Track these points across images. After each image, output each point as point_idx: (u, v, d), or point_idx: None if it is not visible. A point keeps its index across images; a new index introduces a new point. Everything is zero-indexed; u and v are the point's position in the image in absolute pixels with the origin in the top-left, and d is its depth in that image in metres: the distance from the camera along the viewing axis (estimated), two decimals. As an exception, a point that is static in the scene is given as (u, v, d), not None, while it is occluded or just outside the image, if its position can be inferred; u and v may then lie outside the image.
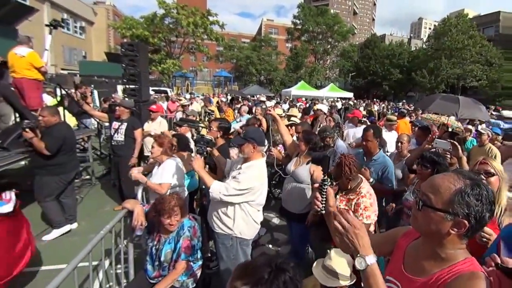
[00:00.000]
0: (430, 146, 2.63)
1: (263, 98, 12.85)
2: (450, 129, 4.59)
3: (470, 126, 5.58)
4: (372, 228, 2.24)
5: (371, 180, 2.72)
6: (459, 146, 2.29)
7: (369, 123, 4.78)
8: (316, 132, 3.92)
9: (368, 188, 2.24)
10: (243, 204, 2.22)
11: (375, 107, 12.05)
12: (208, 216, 2.42)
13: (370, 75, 35.99)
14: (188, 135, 4.05)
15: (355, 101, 16.78)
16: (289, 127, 3.84)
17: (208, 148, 2.49)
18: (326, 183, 1.06)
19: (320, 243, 2.55)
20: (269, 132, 3.14)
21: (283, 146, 3.98)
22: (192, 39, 25.70)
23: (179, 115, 7.03)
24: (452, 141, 2.35)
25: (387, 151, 4.40)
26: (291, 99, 15.18)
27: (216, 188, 2.13)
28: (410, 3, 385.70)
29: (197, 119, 5.21)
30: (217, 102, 10.95)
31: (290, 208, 2.82)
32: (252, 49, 35.20)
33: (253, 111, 5.68)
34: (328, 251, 1.78)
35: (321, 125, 4.40)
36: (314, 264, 1.81)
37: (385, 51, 35.58)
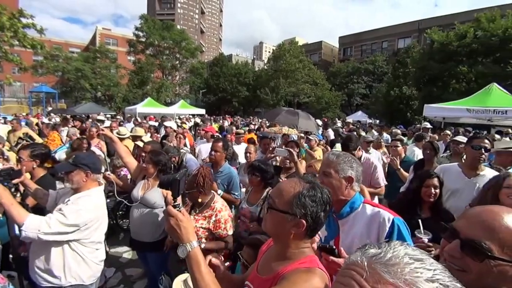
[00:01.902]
0: (272, 155, 3.29)
1: (101, 117, 11.54)
2: (290, 139, 6.00)
3: (302, 134, 7.53)
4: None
5: (219, 192, 3.14)
6: (295, 153, 2.90)
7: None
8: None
9: (221, 201, 2.51)
10: (73, 244, 2.00)
11: (226, 123, 13.77)
12: (30, 270, 2.02)
13: (221, 92, 40.21)
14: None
15: (207, 117, 18.29)
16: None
17: (16, 180, 2.09)
18: (178, 208, 1.09)
19: (178, 265, 2.64)
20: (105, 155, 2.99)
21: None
22: (-4, 44, 19.08)
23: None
24: (289, 149, 2.96)
25: (239, 162, 5.25)
26: (137, 117, 14.50)
27: (33, 225, 1.78)
28: (252, 28, 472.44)
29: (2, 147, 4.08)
30: (37, 124, 8.88)
31: (143, 238, 2.78)
32: (84, 61, 30.60)
33: (86, 132, 5.08)
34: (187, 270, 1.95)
35: (172, 144, 4.61)
36: (175, 281, 1.91)
37: (233, 70, 41.10)
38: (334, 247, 1.18)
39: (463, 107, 8.23)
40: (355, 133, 6.70)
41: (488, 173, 2.59)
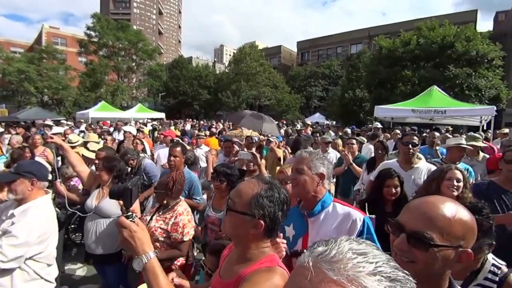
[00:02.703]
0: (236, 158, 3.29)
1: (50, 122, 10.52)
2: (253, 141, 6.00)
3: (262, 137, 7.61)
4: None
5: (183, 207, 3.04)
6: (258, 155, 2.93)
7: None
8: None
9: (185, 206, 2.49)
10: (23, 264, 1.83)
11: (188, 126, 13.44)
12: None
13: (181, 95, 39.27)
14: None
15: (166, 121, 17.71)
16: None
17: None
18: (131, 219, 1.04)
19: (138, 276, 2.55)
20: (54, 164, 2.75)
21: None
22: None
23: None
24: (252, 151, 3.01)
25: (200, 166, 5.16)
26: (89, 122, 13.55)
27: None
28: (212, 31, 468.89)
29: None
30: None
31: (100, 250, 2.62)
32: (28, 61, 27.66)
33: (29, 140, 4.59)
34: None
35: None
36: None
37: (193, 73, 40.40)
38: (304, 251, 1.20)
39: (409, 108, 9.10)
40: (318, 134, 6.97)
41: (421, 165, 2.92)
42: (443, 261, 0.79)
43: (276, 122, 13.24)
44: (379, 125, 9.63)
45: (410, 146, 2.86)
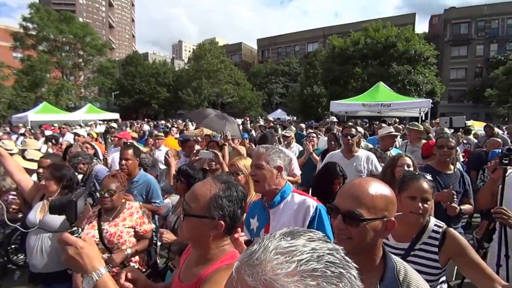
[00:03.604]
0: (197, 158, 3.23)
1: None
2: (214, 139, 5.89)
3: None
4: None
5: (137, 203, 2.90)
6: (220, 154, 2.94)
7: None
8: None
9: (133, 202, 2.49)
10: None
11: (146, 127, 12.81)
12: None
13: (137, 94, 37.23)
14: None
15: (121, 122, 16.59)
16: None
17: None
18: (77, 234, 0.95)
19: None
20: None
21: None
22: None
23: None
24: (213, 150, 2.98)
25: (159, 168, 4.97)
26: (29, 127, 12.12)
27: None
28: (169, 26, 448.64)
29: None
30: None
31: (47, 268, 2.38)
32: (-51, 59, 23.75)
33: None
34: None
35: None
36: None
37: (150, 70, 38.46)
38: (253, 239, 1.24)
39: (359, 103, 9.86)
40: (273, 130, 7.16)
41: (361, 154, 3.28)
42: (374, 232, 0.92)
43: (242, 120, 13.32)
44: (335, 119, 10.21)
45: (349, 137, 3.20)
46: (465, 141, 6.57)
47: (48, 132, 8.93)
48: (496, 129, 7.12)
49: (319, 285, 0.40)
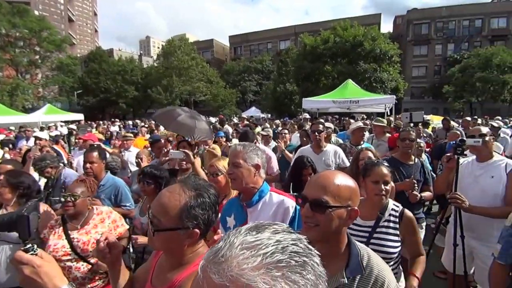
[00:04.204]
0: (168, 158, 3.15)
1: None
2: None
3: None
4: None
5: (106, 208, 2.78)
6: (191, 153, 2.85)
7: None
8: (31, 166, 3.26)
9: (101, 206, 2.36)
10: None
11: (113, 127, 12.22)
12: None
13: (102, 93, 35.35)
14: None
15: (85, 123, 15.64)
16: None
17: None
18: (32, 251, 0.86)
19: None
20: None
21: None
22: None
23: None
24: (184, 150, 2.89)
25: (130, 170, 4.77)
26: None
27: None
28: (136, 20, 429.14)
29: None
30: None
31: (10, 283, 2.16)
32: None
33: None
34: None
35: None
36: None
37: (116, 67, 36.59)
38: None
39: (330, 99, 10.19)
40: (249, 128, 7.19)
41: (329, 148, 3.45)
42: (339, 219, 1.00)
43: (217, 118, 13.13)
44: (307, 116, 10.47)
45: (317, 133, 3.36)
46: (425, 135, 7.10)
47: (0, 136, 8.17)
48: (452, 123, 7.75)
49: (284, 275, 0.41)
